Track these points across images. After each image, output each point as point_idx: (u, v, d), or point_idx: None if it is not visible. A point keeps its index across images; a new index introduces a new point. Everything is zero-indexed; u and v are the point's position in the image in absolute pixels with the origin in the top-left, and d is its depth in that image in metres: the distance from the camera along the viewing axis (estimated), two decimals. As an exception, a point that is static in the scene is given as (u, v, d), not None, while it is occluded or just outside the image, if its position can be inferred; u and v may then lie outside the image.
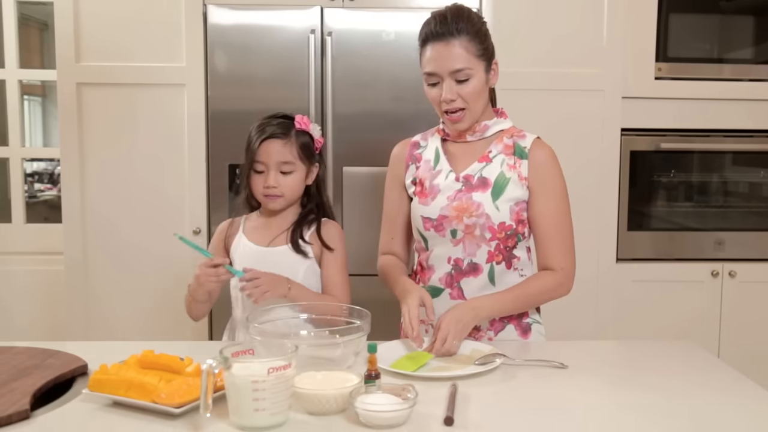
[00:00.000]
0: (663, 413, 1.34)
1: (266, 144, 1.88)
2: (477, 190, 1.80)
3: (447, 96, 1.75)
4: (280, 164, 1.88)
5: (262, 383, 1.22)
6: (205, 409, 1.23)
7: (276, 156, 1.88)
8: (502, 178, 1.79)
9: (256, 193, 1.91)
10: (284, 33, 2.80)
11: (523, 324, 1.85)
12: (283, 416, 1.26)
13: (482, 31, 1.77)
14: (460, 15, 1.75)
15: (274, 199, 1.89)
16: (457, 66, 1.73)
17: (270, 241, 1.91)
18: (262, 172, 1.89)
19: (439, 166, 1.87)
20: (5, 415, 1.25)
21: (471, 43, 1.73)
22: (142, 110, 2.87)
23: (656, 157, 3.08)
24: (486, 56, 1.77)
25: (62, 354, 1.59)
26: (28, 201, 3.37)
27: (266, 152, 1.88)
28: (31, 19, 3.73)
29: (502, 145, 1.83)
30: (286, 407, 1.26)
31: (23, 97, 3.39)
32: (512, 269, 1.83)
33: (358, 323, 1.55)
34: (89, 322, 2.90)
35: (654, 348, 1.78)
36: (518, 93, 2.90)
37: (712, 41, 3.10)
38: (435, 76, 1.76)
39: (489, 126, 1.84)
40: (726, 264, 3.06)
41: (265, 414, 1.23)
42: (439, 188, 1.84)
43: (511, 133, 1.85)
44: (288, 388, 1.26)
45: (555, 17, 2.90)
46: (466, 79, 1.74)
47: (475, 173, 1.82)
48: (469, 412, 1.32)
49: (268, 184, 1.88)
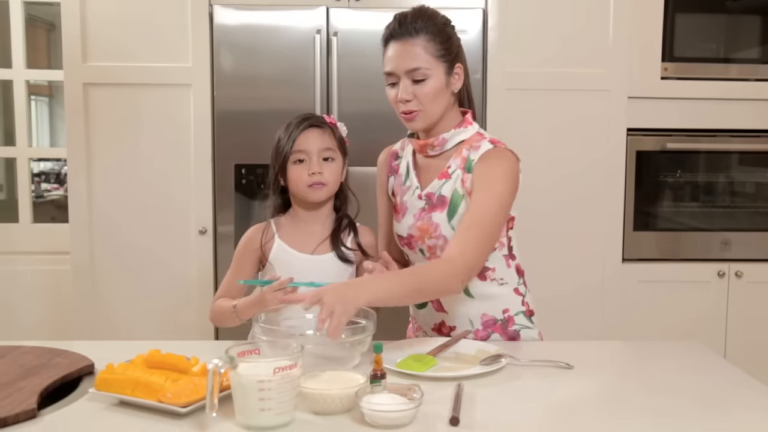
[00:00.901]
0: (669, 414, 1.33)
1: (306, 133, 1.86)
2: (436, 209, 1.77)
3: (402, 96, 1.70)
4: (322, 151, 1.86)
5: (267, 383, 1.22)
6: (210, 409, 1.23)
7: (318, 143, 1.86)
8: (456, 195, 1.74)
9: (299, 184, 1.86)
10: (290, 33, 2.80)
11: (510, 331, 1.82)
12: (288, 416, 1.26)
13: (445, 32, 1.72)
14: (421, 15, 1.72)
15: (320, 188, 1.85)
16: (413, 65, 1.68)
17: (314, 249, 1.88)
18: (303, 162, 1.85)
19: (408, 182, 1.85)
20: (12, 414, 1.25)
21: (430, 43, 1.69)
22: (148, 110, 2.88)
23: (662, 157, 3.08)
24: (447, 58, 1.72)
25: (69, 353, 1.59)
26: (35, 201, 3.38)
27: (307, 141, 1.85)
28: (38, 19, 3.74)
29: (460, 158, 1.76)
30: (291, 407, 1.27)
31: (30, 98, 3.41)
32: (488, 280, 1.79)
33: (364, 323, 1.55)
34: (96, 322, 2.91)
35: (660, 348, 1.77)
36: (524, 93, 2.90)
37: (719, 41, 3.09)
38: (393, 76, 1.72)
39: (447, 139, 1.77)
40: (732, 264, 3.06)
41: (270, 414, 1.24)
42: (406, 206, 1.83)
43: (470, 144, 1.77)
44: (294, 388, 1.26)
45: (561, 17, 2.90)
46: (423, 79, 1.69)
47: (435, 191, 1.78)
48: (474, 412, 1.32)
49: (314, 170, 1.83)
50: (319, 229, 1.91)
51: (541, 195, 2.92)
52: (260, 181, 2.82)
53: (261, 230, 1.93)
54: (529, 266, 1.91)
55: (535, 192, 2.92)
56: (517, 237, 1.85)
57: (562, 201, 2.94)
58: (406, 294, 1.61)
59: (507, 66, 2.90)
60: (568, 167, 2.94)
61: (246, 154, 2.83)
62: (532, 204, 2.90)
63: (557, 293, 2.92)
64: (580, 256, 2.96)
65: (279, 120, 2.81)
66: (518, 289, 1.84)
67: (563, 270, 2.94)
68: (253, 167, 2.82)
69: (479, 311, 1.80)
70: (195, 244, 2.89)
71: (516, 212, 1.82)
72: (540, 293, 2.83)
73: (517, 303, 1.83)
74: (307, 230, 1.91)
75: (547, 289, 2.90)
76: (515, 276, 1.84)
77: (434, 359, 1.59)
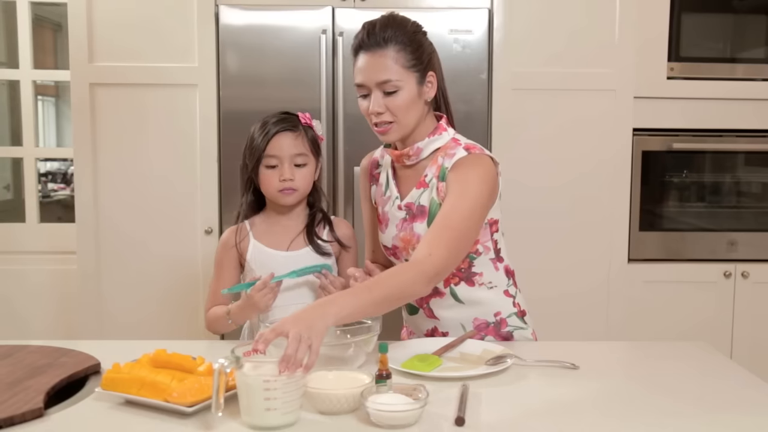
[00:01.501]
0: (675, 415, 1.33)
1: (278, 137, 1.85)
2: (417, 219, 1.75)
3: (374, 108, 1.67)
4: (293, 156, 1.86)
5: (273, 383, 1.23)
6: (216, 409, 1.23)
7: (289, 149, 1.85)
8: (434, 205, 1.72)
9: (270, 189, 1.87)
10: (296, 33, 2.81)
11: (503, 333, 1.81)
12: (294, 416, 1.27)
13: (415, 40, 1.68)
14: (389, 24, 1.68)
15: (290, 193, 1.86)
16: (383, 77, 1.65)
17: (289, 245, 1.89)
18: (275, 167, 1.85)
19: (388, 192, 1.84)
20: (19, 413, 1.26)
21: (400, 53, 1.65)
22: (154, 110, 2.89)
23: (668, 157, 3.07)
24: (418, 68, 1.68)
25: (75, 353, 1.60)
26: (41, 201, 3.40)
27: (279, 146, 1.85)
28: (45, 20, 3.76)
29: (435, 167, 1.73)
30: (297, 407, 1.27)
31: (37, 98, 3.42)
32: (477, 285, 1.78)
33: (369, 323, 1.55)
34: (102, 321, 2.92)
35: (666, 349, 1.77)
36: (530, 93, 2.90)
37: (725, 41, 3.08)
38: (364, 88, 1.69)
39: (422, 148, 1.74)
40: (739, 265, 3.05)
41: (276, 414, 1.24)
42: (388, 216, 1.83)
43: (445, 151, 1.73)
44: (299, 388, 1.27)
45: (566, 17, 2.89)
46: (394, 90, 1.66)
47: (415, 201, 1.76)
48: (480, 412, 1.32)
49: (285, 176, 1.84)
50: (294, 224, 1.92)
51: (546, 195, 2.92)
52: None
53: (234, 232, 1.93)
54: (534, 266, 1.91)
55: (541, 192, 2.92)
56: (505, 238, 1.84)
57: (567, 201, 2.94)
58: (376, 303, 1.50)
59: (513, 66, 2.89)
60: (573, 167, 2.93)
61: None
62: (538, 204, 2.91)
63: (563, 293, 2.92)
64: (585, 256, 2.95)
65: (285, 120, 2.83)
66: (508, 290, 1.82)
67: (569, 270, 2.94)
68: (259, 167, 2.82)
69: (470, 316, 1.80)
70: (201, 244, 2.89)
71: (500, 215, 1.79)
72: (545, 293, 2.84)
73: (508, 305, 1.82)
74: (281, 228, 1.91)
75: (552, 289, 2.90)
76: (504, 278, 1.82)
77: (439, 359, 1.59)
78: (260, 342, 1.30)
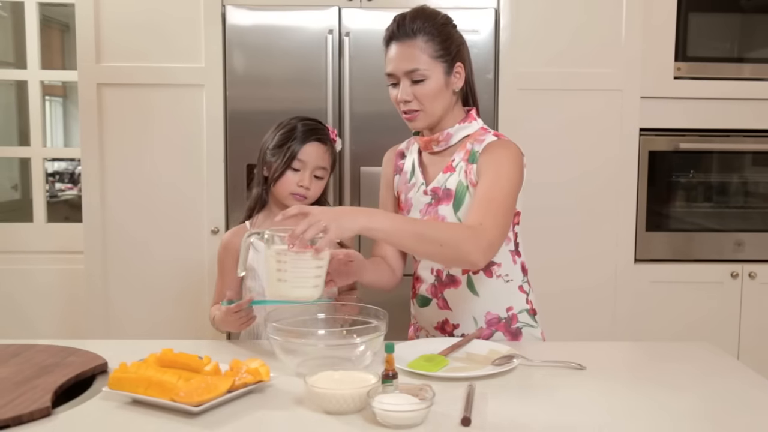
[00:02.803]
0: (682, 415, 1.33)
1: (312, 145, 1.90)
2: (442, 202, 1.78)
3: (402, 96, 1.73)
4: (317, 168, 1.91)
5: (283, 256, 1.43)
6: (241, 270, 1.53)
7: (317, 160, 1.91)
8: (461, 187, 1.75)
9: (284, 190, 1.90)
10: (302, 33, 2.81)
11: (513, 329, 1.82)
12: (306, 292, 1.43)
13: (444, 32, 1.72)
14: (419, 15, 1.72)
15: (300, 200, 1.89)
16: (411, 66, 1.70)
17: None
18: (297, 171, 1.89)
19: (413, 179, 1.87)
20: (27, 412, 1.26)
21: (428, 43, 1.70)
22: (161, 110, 2.89)
23: (675, 157, 3.07)
24: (446, 58, 1.72)
25: (83, 352, 1.60)
26: (49, 200, 3.41)
27: (309, 153, 1.90)
28: (53, 20, 3.77)
29: (464, 152, 1.77)
30: (311, 285, 1.42)
31: (45, 98, 3.43)
32: (494, 276, 1.80)
33: (376, 323, 1.55)
34: (109, 321, 2.93)
35: (673, 349, 1.77)
36: (536, 93, 2.90)
37: (732, 40, 3.07)
38: (393, 77, 1.74)
39: (452, 134, 1.78)
40: (746, 265, 3.04)
41: (287, 285, 1.42)
42: (411, 202, 1.85)
43: (474, 138, 1.78)
44: (311, 268, 1.41)
45: (573, 17, 2.89)
46: (422, 79, 1.70)
47: (441, 185, 1.79)
48: (486, 412, 1.32)
49: (304, 184, 1.88)
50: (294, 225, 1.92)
51: (553, 195, 2.92)
52: (272, 181, 2.83)
53: (235, 233, 1.95)
54: (542, 266, 1.91)
55: (548, 192, 2.91)
56: (522, 235, 1.85)
57: (574, 201, 2.94)
58: (411, 235, 1.52)
59: (519, 66, 2.89)
60: (580, 167, 2.93)
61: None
62: (545, 204, 2.91)
63: (569, 293, 2.92)
64: (592, 257, 2.95)
65: (291, 120, 2.83)
66: (522, 287, 1.84)
67: (576, 270, 2.94)
68: (265, 167, 2.83)
69: (484, 309, 1.81)
70: (207, 244, 2.90)
71: (522, 207, 1.81)
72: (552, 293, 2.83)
73: (521, 301, 1.83)
74: None
75: (559, 288, 2.90)
76: (520, 273, 1.84)
77: (446, 359, 1.59)
78: (285, 213, 1.48)
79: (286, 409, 1.34)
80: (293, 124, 1.93)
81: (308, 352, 1.52)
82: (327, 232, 1.43)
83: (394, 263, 1.92)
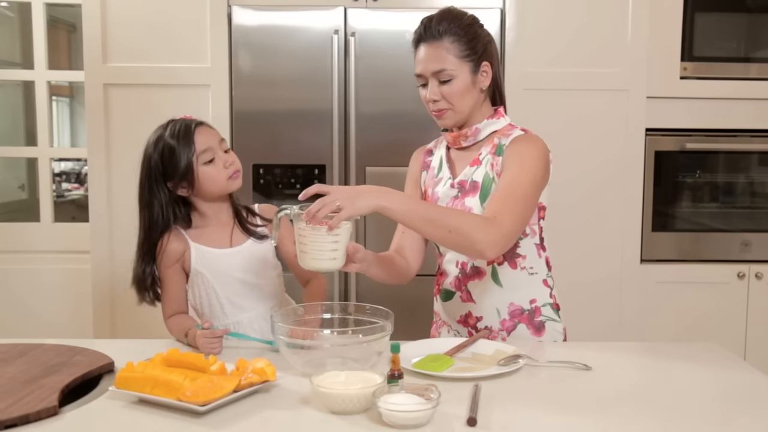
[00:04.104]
0: (688, 416, 1.33)
1: (200, 131, 1.85)
2: (469, 194, 1.80)
3: (430, 96, 1.76)
4: (221, 143, 1.87)
5: (302, 230, 1.56)
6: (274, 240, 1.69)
7: (215, 137, 1.87)
8: (487, 179, 1.78)
9: (218, 182, 1.84)
10: (308, 33, 2.81)
11: (536, 322, 1.83)
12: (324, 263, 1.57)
13: (470, 32, 1.75)
14: (445, 17, 1.76)
15: (238, 176, 1.88)
16: (438, 67, 1.73)
17: (231, 242, 1.89)
18: (212, 160, 1.84)
19: (440, 174, 1.89)
20: (34, 411, 1.27)
21: (454, 44, 1.73)
22: (167, 110, 2.86)
23: (681, 157, 3.06)
24: (472, 57, 1.75)
25: (89, 351, 1.61)
26: (56, 200, 3.41)
27: (205, 139, 1.84)
28: (60, 21, 3.78)
29: (491, 145, 1.81)
30: (328, 257, 1.55)
31: (52, 98, 3.44)
32: (518, 268, 1.81)
33: (381, 323, 1.55)
34: (115, 320, 2.93)
35: (679, 350, 1.76)
36: (542, 93, 2.89)
37: (739, 40, 3.06)
38: (422, 78, 1.78)
39: (480, 129, 1.82)
40: (752, 266, 3.03)
41: (306, 257, 1.57)
42: (437, 196, 1.86)
43: (502, 133, 1.82)
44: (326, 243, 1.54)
45: (579, 17, 2.89)
46: (449, 79, 1.73)
47: (467, 178, 1.81)
48: (492, 412, 1.32)
49: (229, 161, 1.85)
50: (226, 219, 1.91)
51: (559, 195, 2.88)
52: (278, 181, 2.84)
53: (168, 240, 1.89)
54: (550, 265, 1.91)
55: (553, 192, 2.86)
56: (547, 230, 1.87)
57: (580, 202, 2.93)
58: (425, 219, 1.58)
59: (525, 65, 2.89)
60: (586, 168, 2.93)
61: (264, 154, 2.84)
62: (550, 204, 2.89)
63: (575, 293, 2.91)
64: (598, 257, 2.95)
65: (297, 120, 2.84)
66: (547, 281, 1.86)
67: (581, 270, 2.93)
68: (271, 167, 2.83)
69: (507, 300, 1.82)
70: (213, 244, 2.90)
71: (547, 202, 1.84)
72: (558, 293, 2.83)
73: (545, 294, 1.85)
74: (214, 228, 1.90)
75: (565, 289, 2.88)
76: (545, 267, 1.86)
77: (451, 359, 1.59)
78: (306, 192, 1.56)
79: (291, 409, 1.34)
80: (162, 141, 1.87)
81: (314, 352, 1.53)
82: (342, 209, 1.52)
83: (410, 257, 1.92)
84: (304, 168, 2.84)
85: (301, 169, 2.83)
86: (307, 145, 2.83)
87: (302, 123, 2.81)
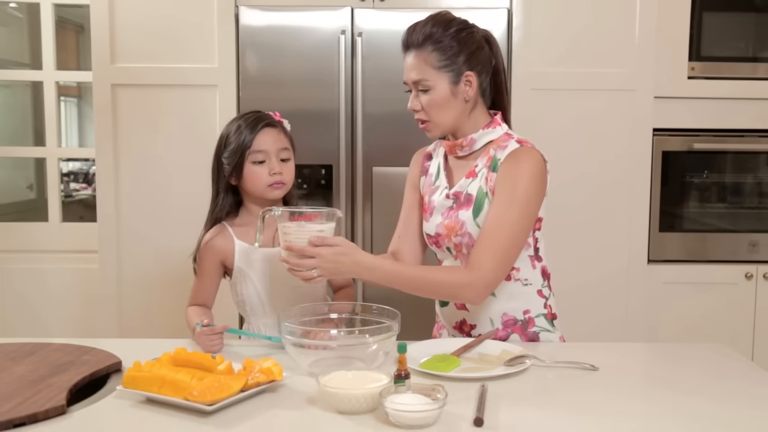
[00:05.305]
0: (695, 417, 1.32)
1: (264, 133, 1.86)
2: (463, 207, 1.77)
3: (410, 106, 1.74)
4: (280, 151, 1.87)
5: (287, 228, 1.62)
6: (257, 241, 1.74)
7: (275, 143, 1.86)
8: (481, 194, 1.75)
9: (258, 185, 1.86)
10: (315, 34, 2.82)
11: (529, 333, 1.81)
12: None
13: (455, 39, 1.70)
14: (430, 23, 1.71)
15: (280, 187, 1.87)
16: (416, 77, 1.71)
17: (274, 241, 1.87)
18: (263, 162, 1.85)
19: (438, 182, 1.86)
20: (42, 410, 1.27)
21: (432, 54, 1.69)
22: (175, 110, 2.91)
23: (689, 157, 3.05)
24: (451, 68, 1.70)
25: (97, 351, 1.62)
26: (64, 200, 3.43)
27: (265, 140, 1.85)
28: (68, 21, 3.80)
29: (487, 157, 1.76)
30: None
31: (60, 98, 3.45)
32: (512, 280, 1.79)
33: (388, 323, 1.55)
34: (123, 320, 2.95)
35: (686, 351, 1.76)
36: (549, 93, 2.89)
37: (747, 40, 3.05)
38: (407, 86, 1.76)
39: (476, 139, 1.77)
40: (760, 266, 3.02)
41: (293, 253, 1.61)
42: (434, 205, 1.84)
43: (498, 144, 1.76)
44: None
45: (586, 17, 2.88)
46: (427, 89, 1.71)
47: (463, 190, 1.79)
48: (498, 413, 1.32)
49: (275, 170, 1.85)
50: (274, 222, 1.89)
51: (566, 195, 2.90)
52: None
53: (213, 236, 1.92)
54: (555, 267, 1.90)
55: (560, 192, 2.89)
56: (545, 239, 1.84)
57: (587, 202, 2.93)
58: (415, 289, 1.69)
59: (532, 65, 2.89)
60: (593, 167, 2.92)
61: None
62: (558, 205, 2.89)
63: (582, 294, 2.91)
64: (605, 257, 2.94)
65: (304, 120, 2.84)
66: (542, 291, 1.83)
67: (588, 270, 2.93)
68: (278, 167, 2.84)
69: (500, 310, 1.80)
70: (220, 244, 2.91)
71: (545, 213, 1.81)
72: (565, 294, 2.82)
73: (539, 305, 1.82)
74: None
75: (571, 289, 2.89)
76: (540, 278, 1.83)
77: (458, 360, 1.59)
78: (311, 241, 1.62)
79: (298, 409, 1.34)
80: (232, 125, 1.90)
81: (321, 351, 1.53)
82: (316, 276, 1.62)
83: (409, 261, 1.91)
84: (310, 168, 2.84)
85: (308, 169, 2.83)
86: (313, 145, 2.83)
87: (309, 123, 2.82)
